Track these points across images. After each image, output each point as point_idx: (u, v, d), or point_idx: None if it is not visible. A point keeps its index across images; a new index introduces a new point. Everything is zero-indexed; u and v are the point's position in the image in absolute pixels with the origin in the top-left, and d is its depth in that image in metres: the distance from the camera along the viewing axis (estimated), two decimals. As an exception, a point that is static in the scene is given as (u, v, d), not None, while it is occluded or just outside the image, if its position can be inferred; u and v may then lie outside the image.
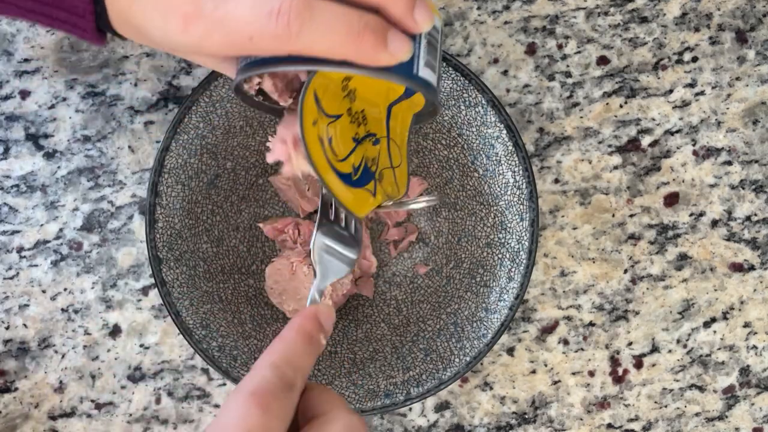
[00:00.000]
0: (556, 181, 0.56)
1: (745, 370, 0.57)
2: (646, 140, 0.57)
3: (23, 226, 0.55)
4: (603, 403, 0.56)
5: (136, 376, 0.55)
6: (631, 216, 0.57)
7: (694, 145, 0.57)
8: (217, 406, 0.55)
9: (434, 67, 0.40)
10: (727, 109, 0.57)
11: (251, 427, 0.33)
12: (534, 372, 0.56)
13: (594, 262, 0.56)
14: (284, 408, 0.35)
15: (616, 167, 0.57)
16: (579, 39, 0.57)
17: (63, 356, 0.55)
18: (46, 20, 0.41)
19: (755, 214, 0.57)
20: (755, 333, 0.57)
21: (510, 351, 0.56)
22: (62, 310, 0.55)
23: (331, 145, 0.41)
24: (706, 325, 0.57)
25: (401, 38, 0.37)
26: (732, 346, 0.57)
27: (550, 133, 0.56)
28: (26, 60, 0.55)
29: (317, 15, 0.35)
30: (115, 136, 0.55)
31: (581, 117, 0.57)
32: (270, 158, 0.42)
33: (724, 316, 0.57)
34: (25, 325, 0.55)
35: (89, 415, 0.55)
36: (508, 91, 0.56)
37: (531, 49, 0.57)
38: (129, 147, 0.55)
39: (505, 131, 0.52)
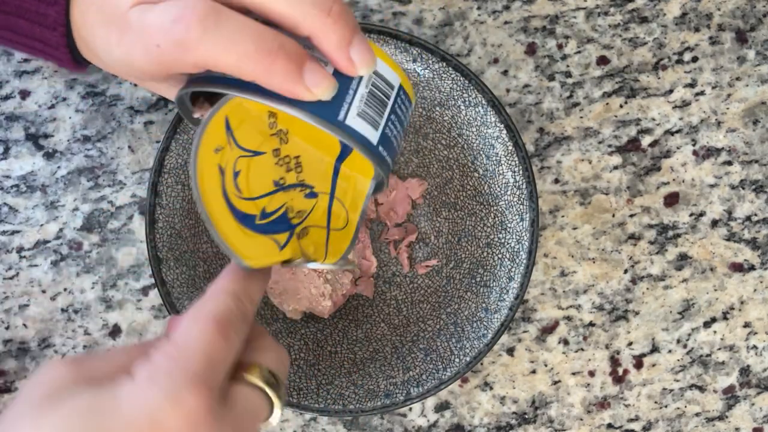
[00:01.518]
0: (556, 181, 0.56)
1: (745, 370, 0.57)
2: (646, 140, 0.57)
3: (23, 226, 0.55)
4: (603, 403, 0.56)
5: (136, 376, 0.55)
6: (631, 216, 0.57)
7: (694, 145, 0.57)
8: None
9: (376, 122, 0.37)
10: (727, 109, 0.57)
11: (215, 354, 0.33)
12: (534, 372, 0.56)
13: (594, 262, 0.56)
14: (240, 339, 0.35)
15: (616, 167, 0.57)
16: (579, 39, 0.57)
17: (63, 356, 0.55)
18: (26, 50, 0.42)
19: (755, 214, 0.57)
20: (755, 333, 0.57)
21: (510, 351, 0.56)
22: (62, 310, 0.55)
23: (235, 180, 0.38)
24: (707, 325, 0.57)
25: (321, 72, 0.34)
26: (732, 346, 0.57)
27: (550, 133, 0.56)
28: (26, 60, 0.55)
29: (223, 23, 0.34)
30: (115, 136, 0.55)
31: (581, 117, 0.57)
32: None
33: (725, 316, 0.57)
34: (25, 325, 0.55)
35: (89, 415, 0.55)
36: (508, 91, 0.56)
37: (531, 49, 0.57)
38: (129, 147, 0.55)
39: (505, 131, 0.52)
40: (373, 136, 0.37)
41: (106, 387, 0.31)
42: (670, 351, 0.57)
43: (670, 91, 0.57)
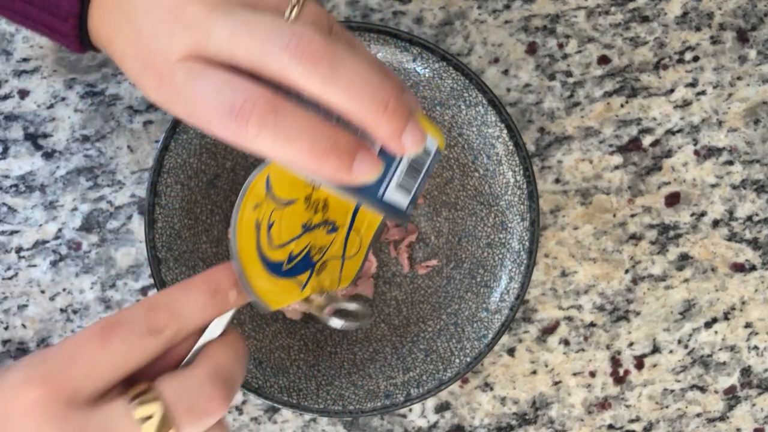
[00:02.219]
0: (557, 180, 0.56)
1: (746, 371, 0.57)
2: (647, 140, 0.57)
3: (22, 226, 0.55)
4: (604, 404, 0.56)
5: (136, 376, 0.55)
6: (632, 216, 0.56)
7: (695, 144, 0.57)
8: (216, 406, 0.55)
9: (409, 190, 0.37)
10: (729, 108, 0.57)
11: (77, 356, 0.32)
12: (535, 372, 0.56)
13: (595, 263, 0.56)
14: (129, 350, 0.33)
15: (617, 167, 0.56)
16: (580, 38, 0.56)
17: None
18: (32, 29, 0.40)
19: (756, 214, 0.57)
20: (756, 333, 0.57)
21: (510, 351, 0.56)
22: (61, 310, 0.55)
23: (269, 231, 0.38)
24: (708, 325, 0.57)
25: (370, 162, 0.34)
26: (733, 346, 0.57)
27: (551, 132, 0.56)
28: (25, 59, 0.55)
29: (281, 122, 0.33)
30: (114, 135, 0.55)
31: (582, 117, 0.56)
32: None
33: (726, 317, 0.57)
34: (23, 326, 0.55)
35: (88, 416, 0.55)
36: (508, 90, 0.56)
37: (532, 49, 0.56)
38: (128, 147, 0.55)
39: (505, 131, 0.52)
40: (405, 203, 0.38)
41: None
42: (671, 351, 0.56)
43: (671, 91, 0.57)
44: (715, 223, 0.57)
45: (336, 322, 0.40)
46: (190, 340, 0.36)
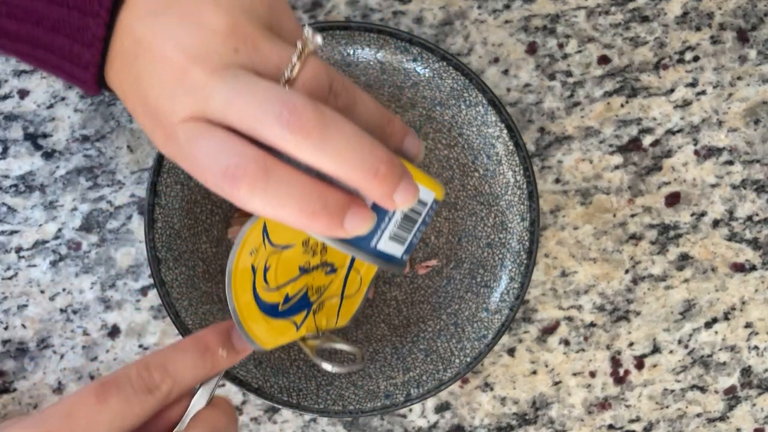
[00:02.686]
0: (557, 180, 0.56)
1: (746, 371, 0.57)
2: (647, 140, 0.57)
3: (22, 226, 0.55)
4: (604, 404, 0.56)
5: (135, 376, 0.55)
6: (633, 216, 0.56)
7: (695, 144, 0.57)
8: (216, 406, 0.55)
9: (403, 240, 0.38)
10: (729, 108, 0.57)
11: (75, 413, 0.34)
12: (535, 373, 0.56)
13: (595, 263, 0.56)
14: (126, 408, 0.35)
15: (617, 167, 0.56)
16: (580, 38, 0.56)
17: (62, 357, 0.55)
18: (47, 72, 0.41)
19: (757, 214, 0.57)
20: (756, 333, 0.57)
21: (511, 351, 0.56)
22: (61, 310, 0.55)
23: (265, 275, 0.39)
24: (708, 325, 0.57)
25: (361, 217, 0.35)
26: (733, 346, 0.57)
27: (551, 132, 0.56)
28: (25, 59, 0.55)
29: (271, 186, 0.34)
30: (114, 135, 0.55)
31: (582, 116, 0.56)
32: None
33: (726, 317, 0.57)
34: (23, 326, 0.55)
35: (88, 416, 0.55)
36: (508, 90, 0.56)
37: (532, 49, 0.56)
38: (128, 146, 0.55)
39: (505, 131, 0.52)
40: (398, 252, 0.38)
41: None
42: (671, 351, 0.56)
43: (671, 91, 0.57)
44: (715, 223, 0.57)
45: (327, 366, 0.41)
46: (182, 403, 0.38)
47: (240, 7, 0.36)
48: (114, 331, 0.55)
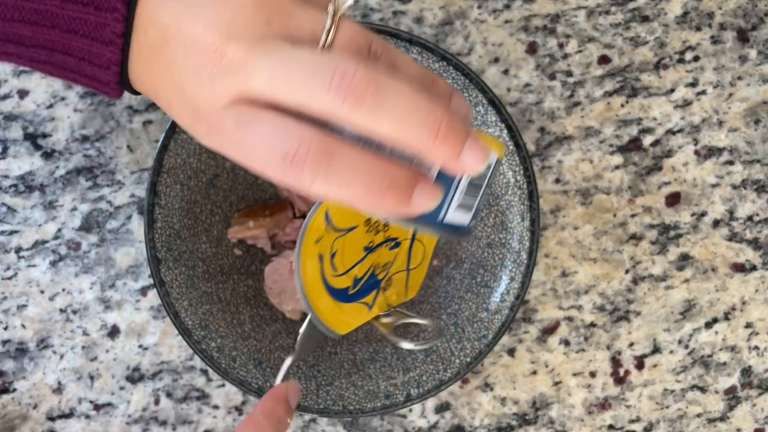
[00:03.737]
0: (557, 180, 0.56)
1: (746, 371, 0.57)
2: (647, 140, 0.57)
3: (21, 226, 0.55)
4: (604, 404, 0.56)
5: (135, 377, 0.55)
6: (633, 216, 0.56)
7: (695, 144, 0.57)
8: (216, 407, 0.55)
9: (470, 207, 0.36)
10: (729, 108, 0.57)
11: None
12: (535, 373, 0.56)
13: (595, 263, 0.56)
14: None
15: (617, 167, 0.56)
16: (580, 38, 0.56)
17: (61, 357, 0.55)
18: (71, 81, 0.39)
19: (757, 214, 0.57)
20: (757, 333, 0.57)
21: (511, 352, 0.56)
22: (61, 310, 0.55)
23: (332, 261, 0.38)
24: (708, 325, 0.57)
25: (428, 193, 0.34)
26: (734, 346, 0.57)
27: (551, 132, 0.56)
28: (24, 59, 0.55)
29: (335, 166, 0.32)
30: (114, 135, 0.55)
31: (582, 116, 0.56)
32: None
33: (726, 317, 0.57)
34: (23, 326, 0.55)
35: (88, 416, 0.55)
36: (508, 90, 0.56)
37: (532, 48, 0.56)
38: (127, 146, 0.55)
39: (505, 131, 0.52)
40: (467, 220, 0.36)
41: None
42: (671, 351, 0.56)
43: (672, 91, 0.57)
44: (716, 223, 0.57)
45: (407, 345, 0.40)
46: None
47: None
48: (114, 331, 0.55)
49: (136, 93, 0.39)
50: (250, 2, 0.34)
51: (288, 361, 0.42)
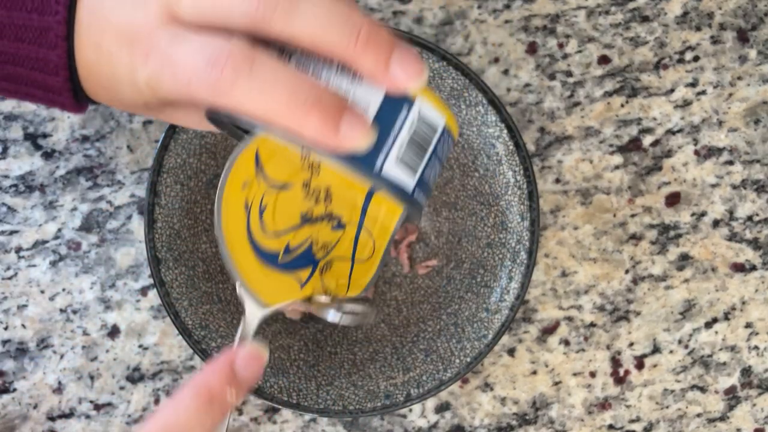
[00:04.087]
0: (557, 180, 0.56)
1: (746, 371, 0.57)
2: (647, 140, 0.57)
3: (21, 226, 0.55)
4: (604, 404, 0.56)
5: (135, 376, 0.55)
6: (633, 216, 0.56)
7: (695, 144, 0.57)
8: (216, 407, 0.55)
9: (413, 168, 0.34)
10: (729, 108, 0.57)
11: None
12: (535, 373, 0.56)
13: (595, 263, 0.56)
14: None
15: (617, 167, 0.56)
16: (580, 38, 0.56)
17: (62, 357, 0.55)
18: (24, 97, 0.39)
19: (757, 214, 0.57)
20: (757, 333, 0.57)
21: (511, 352, 0.56)
22: (61, 310, 0.55)
23: (261, 216, 0.36)
24: (708, 325, 0.57)
25: (358, 124, 0.32)
26: (733, 346, 0.57)
27: (551, 132, 0.56)
28: (24, 59, 0.55)
29: (256, 71, 0.32)
30: (114, 135, 0.55)
31: (582, 116, 0.56)
32: None
33: (726, 317, 0.57)
34: (23, 326, 0.55)
35: (88, 416, 0.55)
36: (508, 90, 0.56)
37: (532, 48, 0.56)
38: (128, 146, 0.55)
39: (505, 131, 0.52)
40: (409, 182, 0.34)
41: None
42: (671, 351, 0.56)
43: (672, 91, 0.57)
44: (716, 223, 0.57)
45: (334, 315, 0.38)
46: None
47: None
48: (114, 331, 0.55)
49: (94, 102, 0.39)
50: None
51: (243, 320, 0.37)
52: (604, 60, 0.57)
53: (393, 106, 0.34)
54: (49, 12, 0.36)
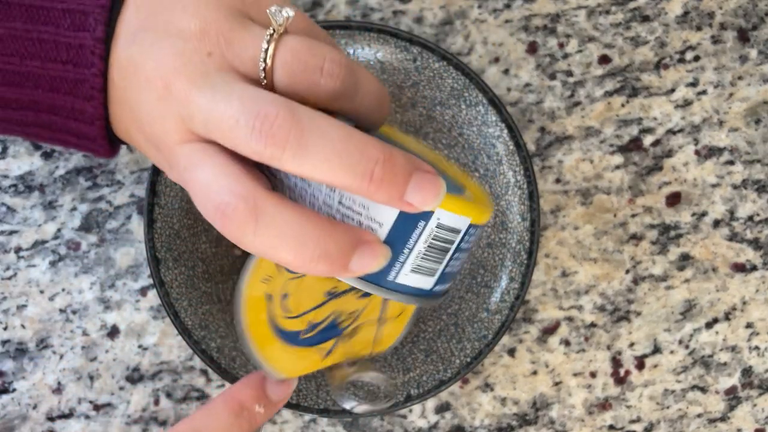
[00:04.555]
0: (558, 180, 0.56)
1: (747, 371, 0.57)
2: (647, 140, 0.56)
3: (21, 226, 0.55)
4: (604, 404, 0.56)
5: (135, 377, 0.55)
6: (633, 216, 0.56)
7: (696, 144, 0.57)
8: (216, 407, 0.55)
9: (432, 271, 0.33)
10: (729, 108, 0.57)
11: None
12: (535, 373, 0.56)
13: (595, 263, 0.56)
14: None
15: (617, 167, 0.56)
16: (580, 38, 0.56)
17: (61, 357, 0.55)
18: (58, 143, 0.39)
19: (757, 214, 0.57)
20: (757, 334, 0.57)
21: (511, 352, 0.56)
22: (60, 310, 0.55)
23: (283, 302, 0.36)
24: (708, 325, 0.57)
25: (370, 257, 0.32)
26: (734, 346, 0.57)
27: (552, 132, 0.56)
28: (24, 59, 0.55)
29: (262, 229, 0.31)
30: (114, 135, 0.55)
31: (583, 116, 0.56)
32: None
33: (726, 317, 0.57)
34: (23, 326, 0.55)
35: (87, 417, 0.55)
36: (508, 90, 0.56)
37: (532, 48, 0.56)
38: (127, 146, 0.55)
39: (506, 131, 0.52)
40: (428, 283, 0.34)
41: None
42: (671, 352, 0.56)
43: (672, 91, 0.57)
44: (716, 223, 0.57)
45: (349, 403, 0.38)
46: None
47: (206, 1, 0.33)
48: (113, 332, 0.55)
49: (128, 145, 0.39)
50: (192, 34, 0.33)
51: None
52: (604, 60, 0.56)
53: (408, 222, 0.33)
54: (84, 64, 0.35)
